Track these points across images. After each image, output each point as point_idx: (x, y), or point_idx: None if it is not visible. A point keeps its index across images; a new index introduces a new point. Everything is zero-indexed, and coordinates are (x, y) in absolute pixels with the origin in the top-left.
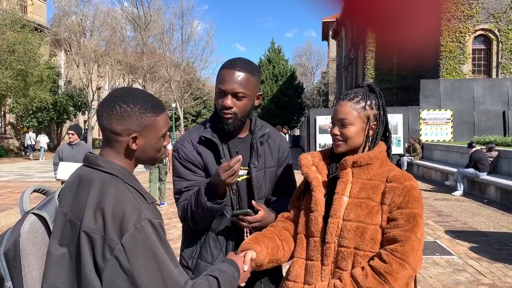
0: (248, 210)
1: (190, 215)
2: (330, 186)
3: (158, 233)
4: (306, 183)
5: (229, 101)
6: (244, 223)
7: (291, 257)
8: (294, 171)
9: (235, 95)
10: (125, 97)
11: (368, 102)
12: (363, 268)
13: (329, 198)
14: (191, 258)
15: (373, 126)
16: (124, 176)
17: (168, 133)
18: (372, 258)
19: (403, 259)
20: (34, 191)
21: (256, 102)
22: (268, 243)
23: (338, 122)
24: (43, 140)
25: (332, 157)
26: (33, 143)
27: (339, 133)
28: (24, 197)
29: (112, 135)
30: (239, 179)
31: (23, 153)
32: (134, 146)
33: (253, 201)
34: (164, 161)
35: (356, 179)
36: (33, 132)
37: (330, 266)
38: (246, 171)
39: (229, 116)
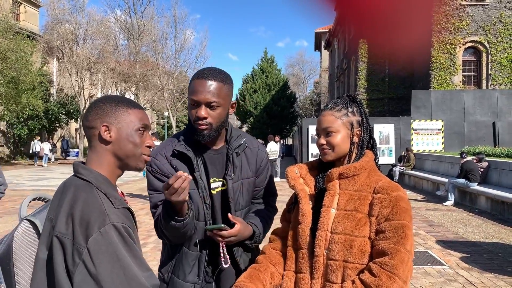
0: (222, 225)
1: (161, 232)
2: (318, 198)
3: (123, 237)
4: (295, 196)
5: (203, 111)
6: (220, 238)
7: None
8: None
9: (208, 105)
10: (101, 99)
11: (350, 109)
12: (353, 281)
13: (317, 210)
14: (167, 272)
15: (358, 132)
16: (97, 182)
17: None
18: (362, 271)
19: (393, 272)
20: (34, 199)
21: (231, 111)
22: (265, 276)
23: (323, 131)
24: (46, 147)
25: (320, 167)
26: (38, 150)
27: (325, 142)
28: (23, 204)
29: (89, 130)
30: (213, 192)
31: (33, 161)
32: (107, 137)
33: (229, 214)
34: None
35: (344, 191)
36: (39, 140)
37: (320, 280)
38: (221, 183)
39: (204, 127)
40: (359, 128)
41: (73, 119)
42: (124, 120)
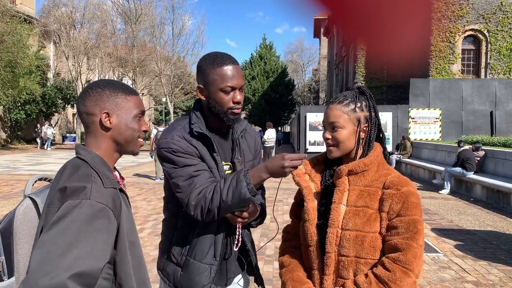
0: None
1: (211, 204)
2: (326, 194)
3: (93, 217)
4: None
5: (239, 96)
6: (239, 219)
7: None
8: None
9: (241, 89)
10: (97, 83)
11: (358, 104)
12: (366, 275)
13: (326, 206)
14: (181, 255)
15: (364, 128)
16: (93, 161)
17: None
18: (375, 266)
19: (406, 267)
20: (40, 179)
21: None
22: (304, 276)
23: (329, 125)
24: (49, 131)
25: (326, 162)
26: (49, 135)
27: (330, 137)
28: (29, 183)
29: (88, 117)
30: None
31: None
32: (108, 124)
33: None
34: None
35: (353, 187)
36: (50, 125)
37: (332, 276)
38: (228, 167)
39: (240, 110)
40: (366, 124)
41: (70, 104)
42: (124, 107)
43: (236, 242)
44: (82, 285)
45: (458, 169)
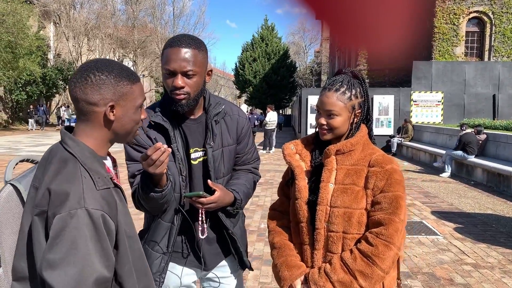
0: (201, 192)
1: (138, 203)
2: (315, 173)
3: (94, 225)
4: (292, 171)
5: (179, 80)
6: (199, 205)
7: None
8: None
9: (185, 74)
10: (99, 66)
11: (353, 92)
12: (351, 251)
13: (315, 184)
14: (142, 241)
15: (358, 114)
16: (82, 156)
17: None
18: (359, 241)
19: (388, 241)
20: (22, 161)
21: (207, 79)
22: (297, 259)
23: (325, 112)
24: (67, 113)
25: (315, 142)
26: (67, 116)
27: (325, 123)
28: (9, 167)
29: (87, 106)
30: (195, 162)
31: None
32: (111, 116)
33: (209, 181)
34: None
35: (340, 166)
36: (67, 106)
37: (322, 251)
38: (203, 153)
39: (182, 96)
40: (360, 110)
41: None
42: (128, 98)
43: (200, 228)
44: None
45: (460, 152)
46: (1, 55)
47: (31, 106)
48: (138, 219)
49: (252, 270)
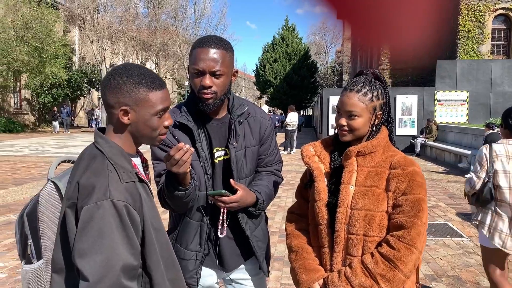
0: (223, 191)
1: (164, 202)
2: (335, 175)
3: (119, 215)
4: (310, 173)
5: (207, 80)
6: (221, 204)
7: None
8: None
9: (213, 74)
10: (121, 71)
11: (375, 93)
12: (372, 254)
13: (335, 186)
14: (172, 239)
15: (379, 116)
16: (110, 153)
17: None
18: (380, 244)
19: (411, 244)
20: (64, 161)
21: (233, 80)
22: (315, 262)
23: (346, 113)
24: (103, 114)
25: (335, 144)
26: (103, 117)
27: (346, 124)
28: (52, 166)
29: (107, 107)
30: (216, 161)
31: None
32: (125, 120)
33: (231, 180)
34: None
35: (361, 168)
36: (99, 108)
37: (341, 253)
38: (224, 152)
39: (209, 96)
40: (381, 112)
41: (95, 88)
42: (144, 105)
43: (220, 228)
44: (130, 279)
45: None
46: (29, 60)
47: (55, 109)
48: (162, 219)
49: (268, 276)
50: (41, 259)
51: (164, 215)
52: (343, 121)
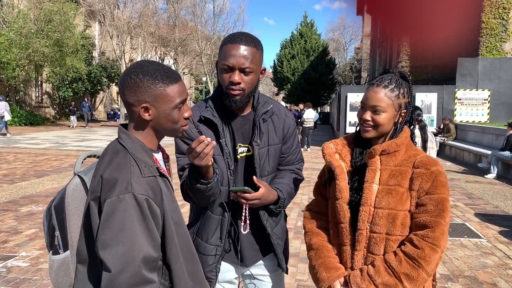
0: (246, 187)
1: (186, 195)
2: (356, 173)
3: (140, 209)
4: (330, 171)
5: (236, 76)
6: (243, 200)
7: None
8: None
9: (242, 70)
10: (136, 69)
11: (401, 91)
12: (395, 253)
13: (358, 184)
14: (193, 233)
15: (403, 114)
16: (132, 148)
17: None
18: (403, 243)
19: (435, 244)
20: (90, 156)
21: (261, 77)
22: (335, 260)
23: (371, 108)
24: (122, 109)
25: (355, 142)
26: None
27: (370, 119)
28: (78, 160)
29: (127, 106)
30: (238, 157)
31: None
32: (147, 117)
33: (254, 177)
34: None
35: (385, 166)
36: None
37: (362, 252)
38: (247, 149)
39: (237, 92)
40: (405, 110)
41: (114, 83)
42: (162, 100)
43: (243, 224)
44: (151, 270)
45: (507, 153)
46: (50, 52)
47: (73, 103)
48: (182, 212)
49: (287, 273)
50: (67, 250)
51: (184, 209)
52: (368, 115)
